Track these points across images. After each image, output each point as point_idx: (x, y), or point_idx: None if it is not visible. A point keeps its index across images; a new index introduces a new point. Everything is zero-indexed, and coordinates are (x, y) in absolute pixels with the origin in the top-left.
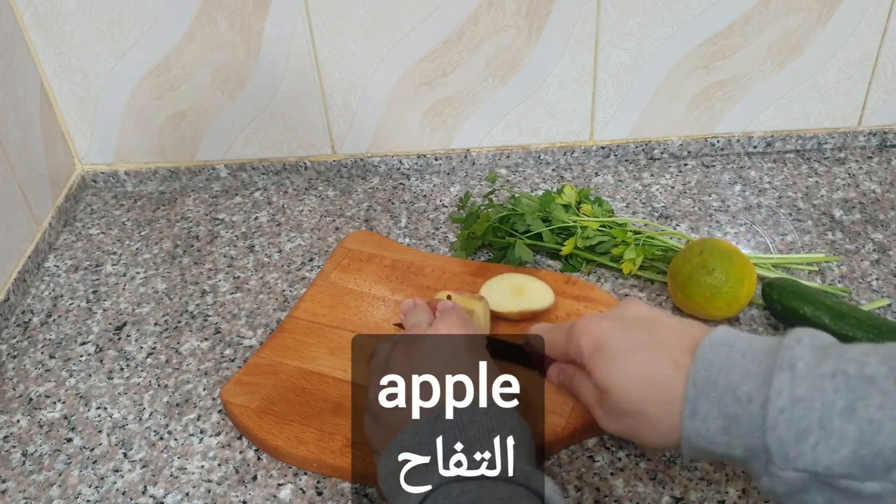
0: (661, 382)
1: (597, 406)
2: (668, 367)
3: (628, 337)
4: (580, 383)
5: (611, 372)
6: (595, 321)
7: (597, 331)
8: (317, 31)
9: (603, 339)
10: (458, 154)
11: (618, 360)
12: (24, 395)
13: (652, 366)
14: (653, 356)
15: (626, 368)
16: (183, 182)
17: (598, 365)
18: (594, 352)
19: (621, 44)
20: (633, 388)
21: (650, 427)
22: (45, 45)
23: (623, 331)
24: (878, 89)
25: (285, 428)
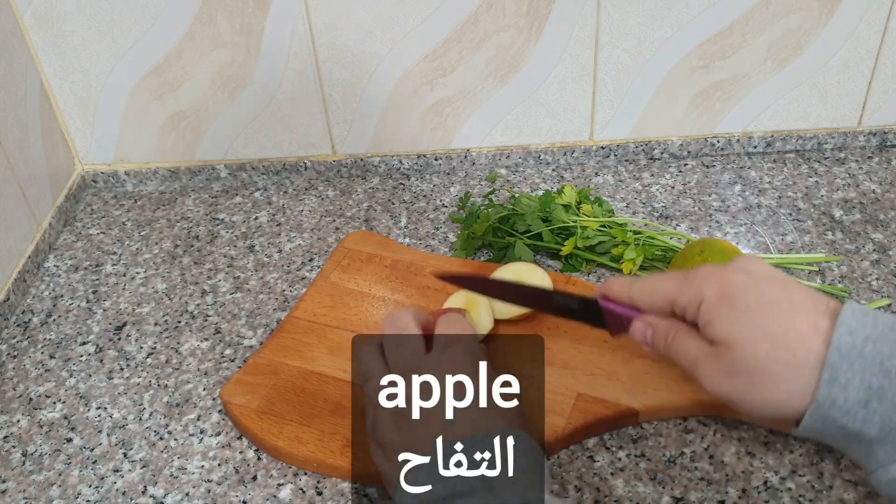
0: (796, 343)
1: (705, 362)
2: (806, 329)
3: (761, 292)
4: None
5: (739, 325)
6: (723, 271)
7: (727, 280)
8: (317, 31)
9: (734, 289)
10: (458, 154)
11: (749, 314)
12: (24, 395)
13: (788, 324)
14: (790, 315)
15: (759, 323)
16: (183, 182)
17: (723, 316)
18: (720, 302)
19: (621, 44)
20: (761, 345)
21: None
22: (45, 45)
23: (756, 284)
24: (878, 89)
25: (285, 428)
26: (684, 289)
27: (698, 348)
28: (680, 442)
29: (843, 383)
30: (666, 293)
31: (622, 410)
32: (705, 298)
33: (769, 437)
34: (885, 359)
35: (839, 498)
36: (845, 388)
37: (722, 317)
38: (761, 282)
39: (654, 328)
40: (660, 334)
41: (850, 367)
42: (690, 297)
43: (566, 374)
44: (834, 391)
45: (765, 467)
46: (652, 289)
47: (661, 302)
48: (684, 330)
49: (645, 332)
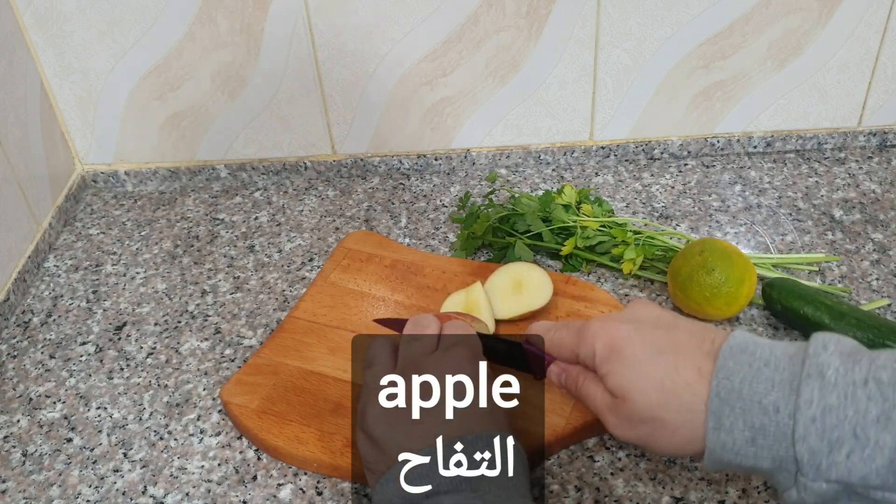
0: (683, 389)
1: (608, 412)
2: (692, 374)
3: (646, 341)
4: (588, 387)
5: (628, 377)
6: (610, 323)
7: (613, 333)
8: (317, 31)
9: (620, 342)
10: (458, 154)
11: (637, 366)
12: (24, 395)
13: (674, 372)
14: (674, 361)
15: (646, 374)
16: (183, 182)
17: (614, 370)
18: (609, 355)
19: (621, 44)
20: (652, 395)
21: (669, 435)
22: (45, 45)
23: (640, 334)
24: (878, 89)
25: (285, 428)
26: (580, 343)
27: (602, 398)
28: None
29: (728, 427)
30: (569, 347)
31: None
32: (596, 352)
33: None
34: (762, 397)
35: None
36: (731, 432)
37: (613, 371)
38: (646, 328)
39: (567, 374)
40: (571, 379)
41: (732, 412)
42: (585, 350)
43: None
44: (721, 436)
45: None
46: (559, 341)
47: (567, 353)
48: (591, 377)
49: (560, 376)
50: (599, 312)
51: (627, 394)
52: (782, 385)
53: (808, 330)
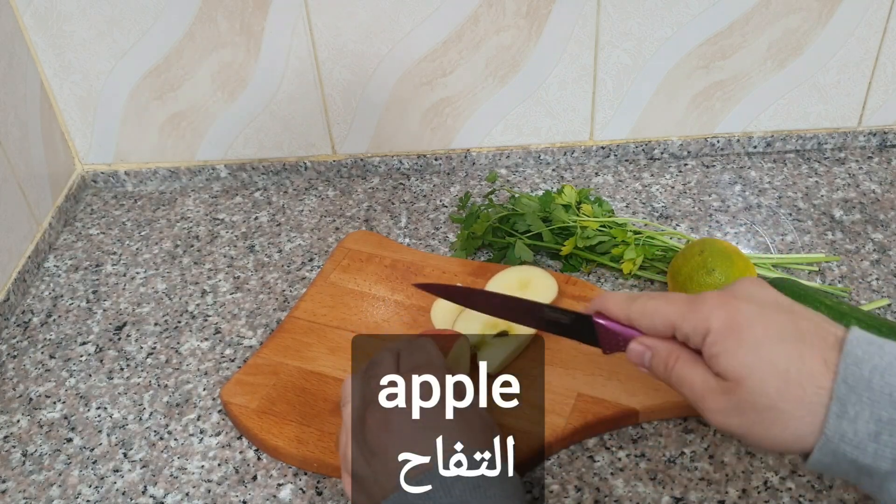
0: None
1: (711, 397)
2: (818, 364)
3: (770, 324)
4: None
5: (748, 361)
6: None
7: (734, 311)
8: (317, 31)
9: (741, 321)
10: (458, 154)
11: (759, 350)
12: (24, 395)
13: (799, 360)
14: (799, 350)
15: (769, 360)
16: (183, 182)
17: (731, 350)
18: (728, 334)
19: (621, 44)
20: (772, 383)
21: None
22: (45, 45)
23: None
24: (878, 89)
25: (285, 428)
26: (688, 316)
27: (703, 381)
28: (680, 442)
29: (852, 416)
30: (668, 317)
31: (622, 410)
32: (712, 329)
33: None
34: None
35: (839, 498)
36: (854, 422)
37: (730, 350)
38: (769, 311)
39: (655, 352)
40: (660, 359)
41: (859, 400)
42: (695, 325)
43: (566, 374)
44: (843, 425)
45: (765, 467)
46: (653, 310)
47: (661, 326)
48: (687, 357)
49: (643, 355)
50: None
51: (745, 379)
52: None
53: None
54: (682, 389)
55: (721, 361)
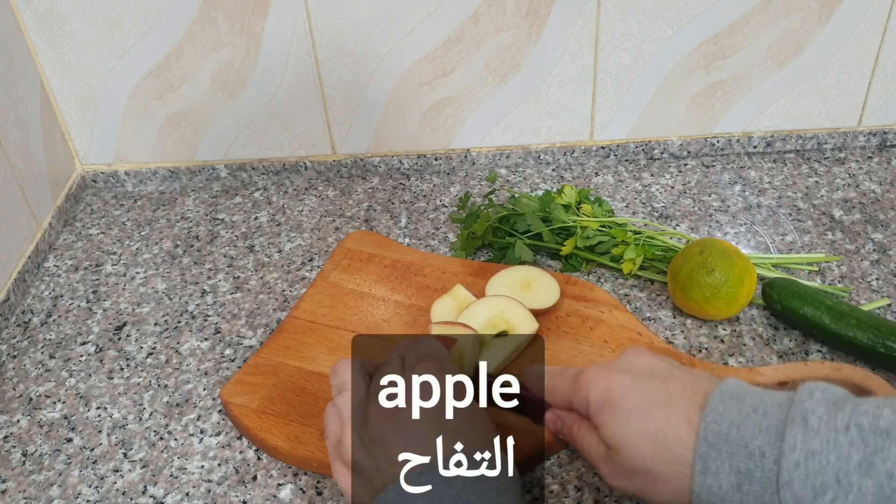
0: (673, 442)
1: (602, 462)
2: (682, 425)
3: (641, 392)
4: (583, 436)
5: (622, 430)
6: (605, 372)
7: (608, 384)
8: (317, 31)
9: (615, 393)
10: (458, 154)
11: (631, 418)
12: (24, 395)
13: (666, 425)
14: (666, 414)
15: (640, 427)
16: (183, 182)
17: (608, 421)
18: (604, 407)
19: (621, 44)
20: (645, 448)
21: (661, 486)
22: (45, 45)
23: (636, 385)
24: (878, 89)
25: (285, 428)
26: (574, 392)
27: (596, 448)
28: None
29: (714, 471)
30: (563, 395)
31: None
32: (591, 403)
33: None
34: (749, 441)
35: None
36: (717, 476)
37: (607, 423)
38: (643, 379)
39: (563, 421)
40: (566, 426)
41: (719, 455)
42: (580, 400)
43: None
44: (708, 480)
45: None
46: (553, 389)
47: (561, 401)
48: (587, 426)
49: (556, 423)
50: (599, 312)
51: (621, 447)
52: (769, 431)
53: (808, 330)
54: (584, 455)
55: (603, 431)
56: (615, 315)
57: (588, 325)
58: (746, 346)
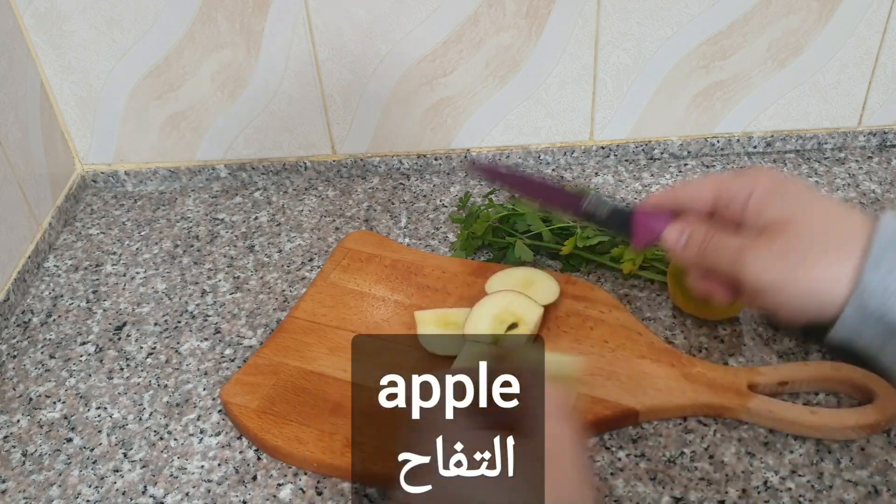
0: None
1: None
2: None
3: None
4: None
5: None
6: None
7: (777, 175)
8: (317, 31)
9: (786, 181)
10: (458, 154)
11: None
12: (24, 395)
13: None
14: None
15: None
16: (183, 182)
17: (777, 200)
18: (774, 189)
19: (621, 44)
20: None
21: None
22: (45, 45)
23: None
24: (878, 89)
25: (285, 428)
26: (735, 180)
27: (742, 241)
28: (680, 442)
29: (888, 267)
30: (713, 184)
31: (622, 410)
32: (757, 188)
33: (769, 436)
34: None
35: (839, 498)
36: (888, 275)
37: (775, 201)
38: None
39: (691, 232)
40: (696, 237)
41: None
42: (741, 186)
43: None
44: (878, 276)
45: (765, 467)
46: (698, 182)
47: (707, 192)
48: (722, 231)
49: (680, 236)
50: (599, 312)
51: (790, 220)
52: None
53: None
54: (719, 257)
55: (767, 212)
56: (615, 315)
57: (588, 325)
58: (746, 346)
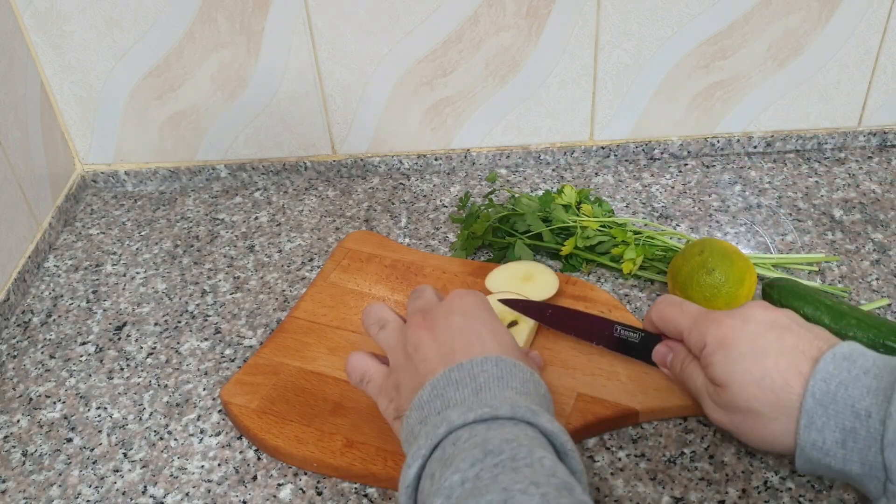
0: (781, 388)
1: (706, 396)
2: (792, 375)
3: (756, 339)
4: (691, 370)
5: (731, 370)
6: (727, 318)
7: (726, 329)
8: (317, 31)
9: (730, 338)
10: (458, 154)
11: (741, 361)
12: (24, 395)
13: (774, 371)
14: (776, 363)
15: (748, 370)
16: (183, 182)
17: (719, 360)
18: (718, 347)
19: (621, 44)
20: (751, 388)
21: (761, 427)
22: (45, 45)
23: (752, 334)
24: (878, 89)
25: (285, 428)
26: (693, 330)
27: (702, 382)
28: (680, 442)
29: (819, 427)
30: (679, 327)
31: (622, 410)
32: (707, 344)
33: None
34: (856, 402)
35: (839, 498)
36: (822, 431)
37: (718, 362)
38: (760, 329)
39: (675, 353)
40: (677, 359)
41: (825, 412)
42: (697, 339)
43: (566, 374)
44: (812, 435)
45: (765, 467)
46: (669, 318)
47: (674, 332)
48: (692, 362)
49: (666, 356)
50: (600, 312)
51: (728, 384)
52: (878, 393)
53: None
54: (688, 386)
55: (712, 370)
56: (615, 315)
57: None
58: None
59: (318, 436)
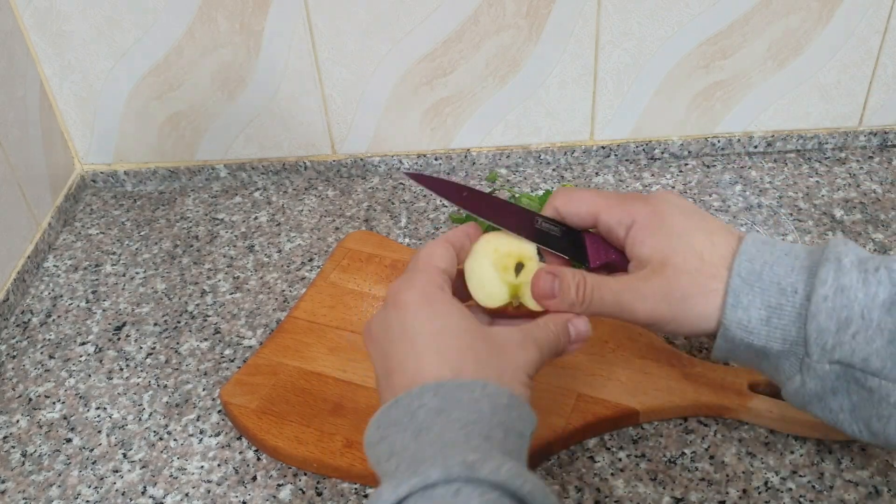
0: (719, 261)
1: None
2: (725, 248)
3: (687, 219)
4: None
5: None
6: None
7: (658, 206)
8: (317, 31)
9: (664, 214)
10: (458, 154)
11: (678, 235)
12: (23, 395)
13: (711, 246)
14: (711, 239)
15: (688, 242)
16: (182, 182)
17: (655, 236)
18: (651, 223)
19: (621, 43)
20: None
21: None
22: (45, 45)
23: (681, 213)
24: (879, 89)
25: (285, 428)
26: (614, 209)
27: (624, 281)
28: (680, 442)
29: (745, 305)
30: (594, 206)
31: (622, 410)
32: (636, 221)
33: (770, 437)
34: (781, 279)
35: (839, 498)
36: (748, 310)
37: (654, 236)
38: (686, 208)
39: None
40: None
41: (751, 290)
42: (621, 217)
43: (566, 374)
44: (738, 314)
45: (765, 468)
46: (580, 199)
47: (586, 214)
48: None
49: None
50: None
51: (668, 258)
52: (802, 270)
53: None
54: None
55: (646, 245)
56: None
57: None
58: None
59: (318, 436)
